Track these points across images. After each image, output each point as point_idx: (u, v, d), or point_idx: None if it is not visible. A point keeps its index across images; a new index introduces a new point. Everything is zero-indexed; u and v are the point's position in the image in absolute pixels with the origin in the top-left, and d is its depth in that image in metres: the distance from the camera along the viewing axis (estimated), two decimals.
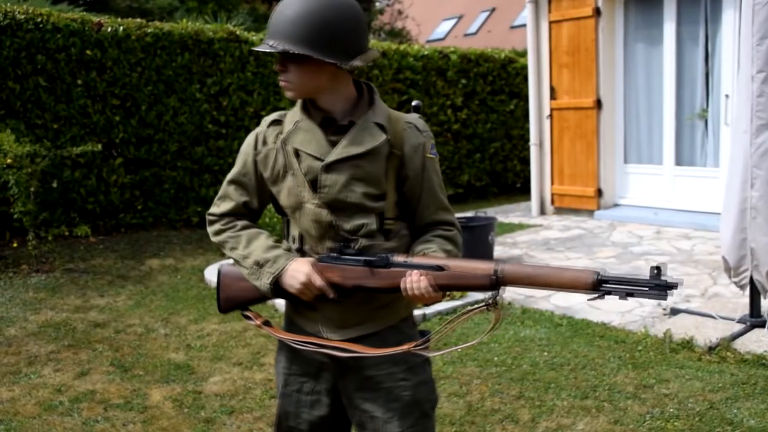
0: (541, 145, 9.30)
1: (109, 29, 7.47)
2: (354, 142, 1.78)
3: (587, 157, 8.75)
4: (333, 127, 1.83)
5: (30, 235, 6.31)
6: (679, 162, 8.24)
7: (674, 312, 4.84)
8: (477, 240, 6.43)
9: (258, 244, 1.88)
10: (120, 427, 3.46)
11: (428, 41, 23.63)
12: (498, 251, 6.91)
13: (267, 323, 1.93)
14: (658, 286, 1.49)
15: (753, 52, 3.92)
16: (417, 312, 4.98)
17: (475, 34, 24.79)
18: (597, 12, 8.41)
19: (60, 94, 7.25)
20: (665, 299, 1.50)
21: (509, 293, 5.51)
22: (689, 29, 7.97)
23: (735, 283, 4.39)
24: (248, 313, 1.96)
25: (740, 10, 4.47)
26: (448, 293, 5.28)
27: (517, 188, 11.79)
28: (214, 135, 8.35)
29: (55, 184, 7.13)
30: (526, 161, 10.43)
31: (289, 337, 1.89)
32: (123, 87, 7.63)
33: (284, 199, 1.87)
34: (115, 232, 7.88)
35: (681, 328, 4.45)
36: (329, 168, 1.79)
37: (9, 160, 6.06)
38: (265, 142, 1.90)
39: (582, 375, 3.90)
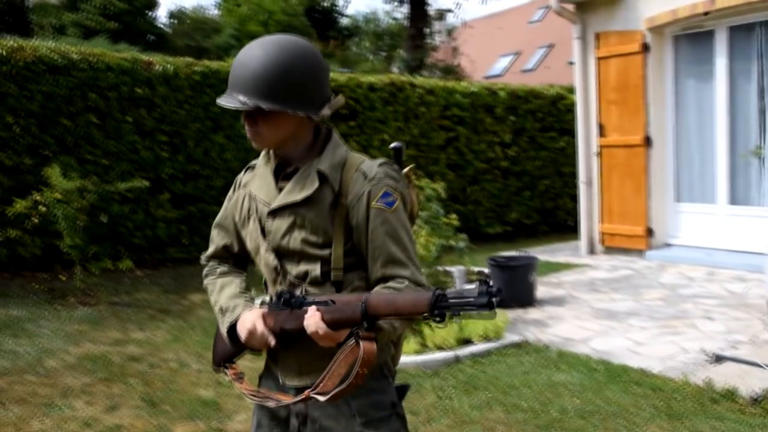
0: (589, 183, 9.13)
1: (159, 68, 7.69)
2: (293, 189, 1.78)
3: (637, 196, 8.54)
4: (282, 174, 1.83)
5: (77, 269, 6.46)
6: (733, 201, 7.97)
7: (719, 359, 4.63)
8: (517, 280, 6.33)
9: (226, 292, 1.90)
10: None
11: (486, 77, 23.61)
12: (542, 291, 6.76)
13: (239, 377, 1.89)
14: (485, 294, 1.40)
15: None
16: (444, 355, 4.89)
17: (533, 70, 24.69)
18: (645, 48, 8.26)
19: (110, 131, 7.47)
20: (493, 311, 1.40)
21: (546, 336, 5.36)
22: (742, 65, 7.76)
23: None
24: (226, 367, 1.92)
25: None
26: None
27: (569, 226, 11.52)
28: None
29: (104, 219, 7.30)
30: (577, 199, 10.24)
31: (246, 392, 1.84)
32: (171, 124, 7.82)
33: (248, 244, 1.90)
34: (161, 266, 8.01)
35: (724, 376, 4.24)
36: (273, 214, 1.80)
37: (58, 195, 6.25)
38: (239, 187, 1.93)
39: (612, 424, 3.73)
